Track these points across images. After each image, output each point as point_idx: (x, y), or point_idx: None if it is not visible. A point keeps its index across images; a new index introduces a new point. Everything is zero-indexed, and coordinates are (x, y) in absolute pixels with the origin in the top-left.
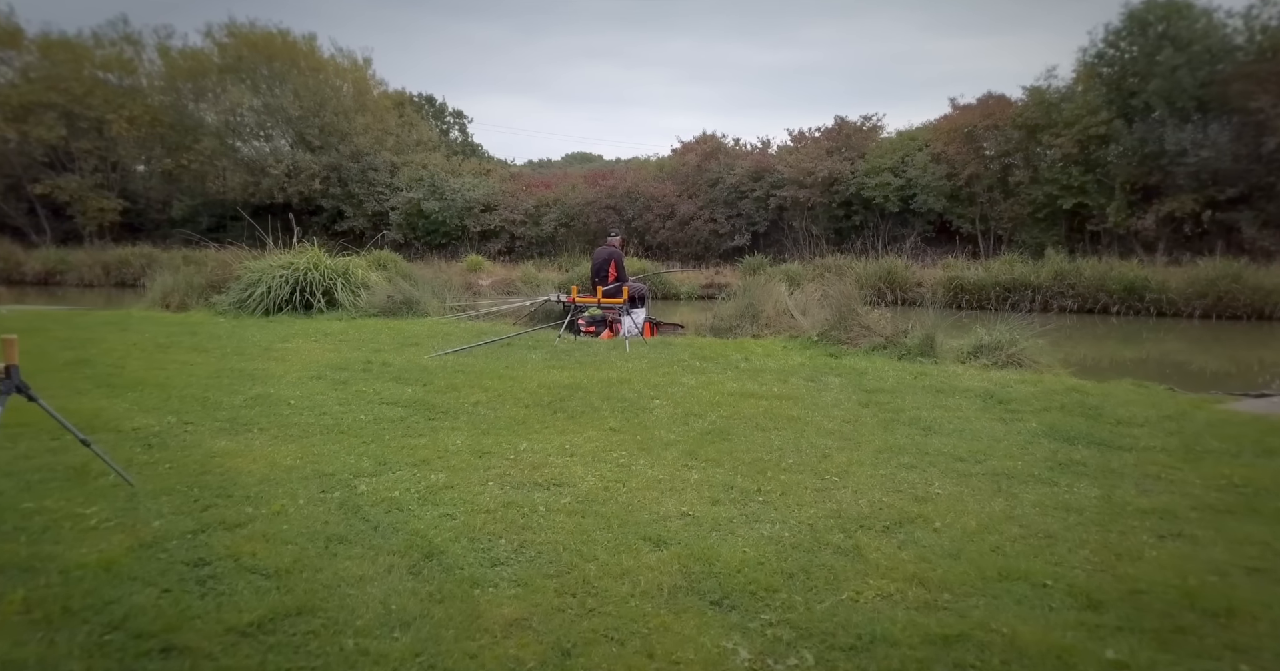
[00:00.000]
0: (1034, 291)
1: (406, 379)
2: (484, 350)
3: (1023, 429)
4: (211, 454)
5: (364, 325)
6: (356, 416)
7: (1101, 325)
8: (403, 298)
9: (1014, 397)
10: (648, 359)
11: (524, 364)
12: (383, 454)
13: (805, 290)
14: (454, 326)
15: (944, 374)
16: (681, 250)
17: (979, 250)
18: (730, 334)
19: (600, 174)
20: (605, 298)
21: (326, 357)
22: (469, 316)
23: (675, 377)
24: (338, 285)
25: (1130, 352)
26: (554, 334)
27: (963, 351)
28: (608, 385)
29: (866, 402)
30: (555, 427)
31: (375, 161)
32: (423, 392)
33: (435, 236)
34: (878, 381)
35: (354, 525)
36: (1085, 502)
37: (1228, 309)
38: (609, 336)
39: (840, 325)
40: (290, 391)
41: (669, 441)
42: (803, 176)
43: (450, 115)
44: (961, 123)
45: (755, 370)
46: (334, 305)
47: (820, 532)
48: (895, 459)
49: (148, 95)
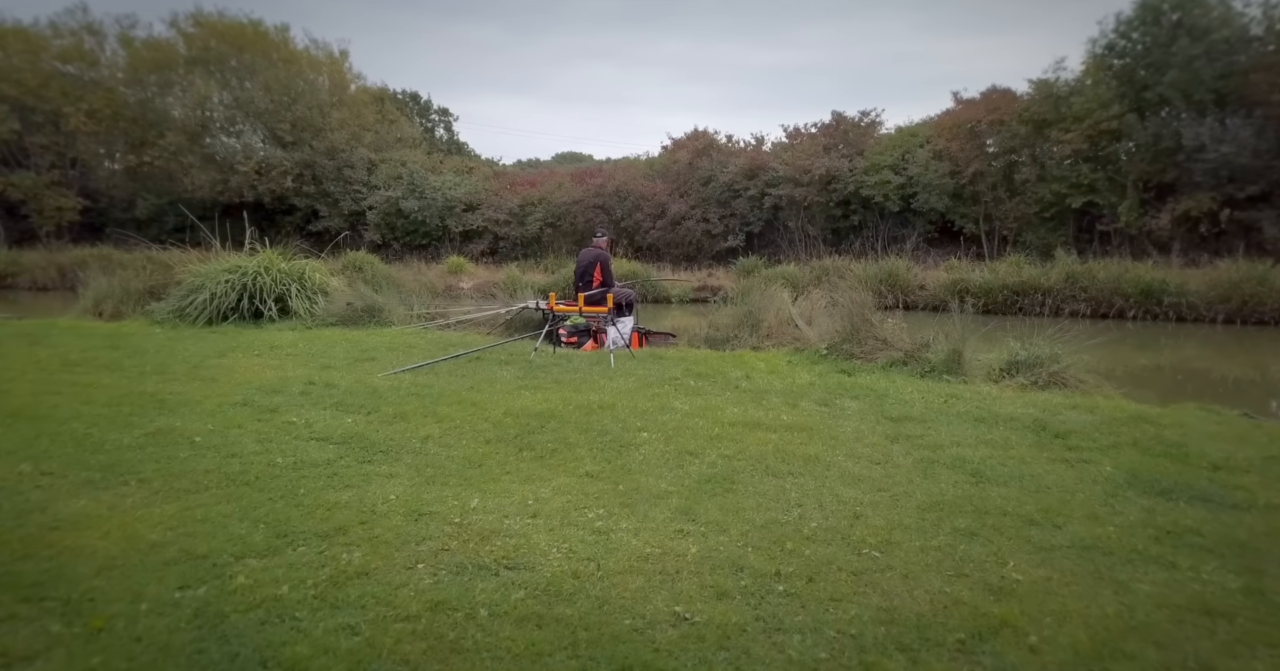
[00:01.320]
0: (1044, 295)
1: (349, 405)
2: (448, 367)
3: (1097, 475)
4: (53, 523)
5: (318, 336)
6: (273, 460)
7: (1117, 330)
8: (364, 305)
9: (1071, 429)
10: (635, 376)
11: (492, 383)
12: (287, 519)
13: (810, 297)
14: (419, 337)
15: (978, 397)
16: (673, 251)
17: (983, 251)
18: (728, 345)
19: (588, 172)
20: (588, 305)
21: (263, 377)
22: (438, 325)
23: (667, 401)
24: (292, 291)
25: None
26: (530, 345)
27: (994, 368)
28: (587, 412)
29: (895, 436)
30: (519, 473)
31: (352, 158)
32: (364, 424)
33: (415, 237)
34: (903, 406)
35: (203, 654)
36: (1228, 600)
37: (1253, 313)
38: (593, 347)
39: (852, 337)
40: (201, 424)
41: (659, 493)
42: (799, 174)
43: (435, 113)
44: (965, 118)
45: (759, 391)
46: (287, 313)
47: (870, 654)
48: (948, 521)
49: (109, 88)
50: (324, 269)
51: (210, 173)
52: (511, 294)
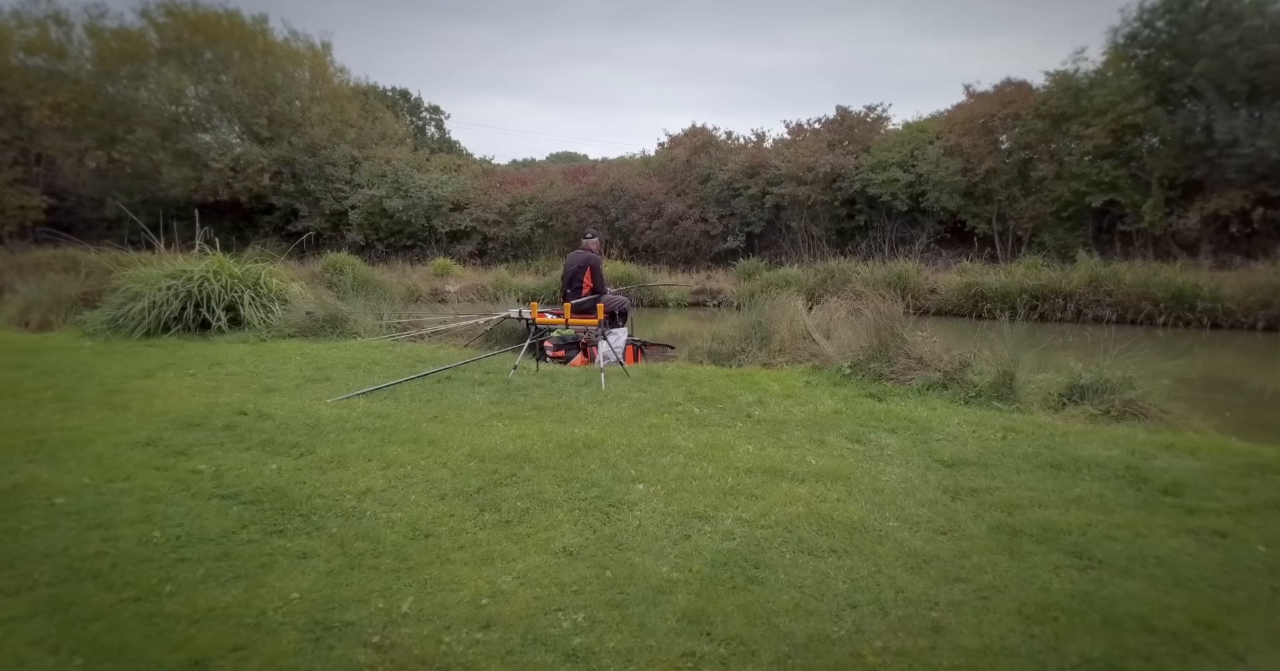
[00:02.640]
0: (1065, 299)
1: (280, 444)
2: (413, 388)
3: (1250, 560)
4: None
5: (270, 351)
6: (148, 534)
7: (1147, 337)
8: (327, 314)
9: (1180, 482)
10: (629, 401)
11: (460, 411)
12: (124, 646)
13: (828, 306)
14: (386, 351)
15: (1042, 432)
16: (670, 252)
17: (996, 252)
18: (734, 361)
19: (581, 170)
20: (576, 315)
21: (188, 405)
22: (410, 337)
23: (666, 436)
24: (244, 299)
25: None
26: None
27: (1052, 394)
28: (570, 452)
29: (954, 489)
30: (475, 548)
31: (333, 155)
32: (290, 472)
33: (400, 237)
34: (954, 445)
35: None
36: None
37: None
38: (582, 362)
39: (880, 354)
40: (76, 476)
41: (660, 583)
42: (802, 172)
43: (426, 110)
44: (977, 112)
45: (776, 422)
46: (239, 324)
47: None
48: (1071, 642)
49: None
50: (284, 273)
51: (183, 170)
52: (496, 299)
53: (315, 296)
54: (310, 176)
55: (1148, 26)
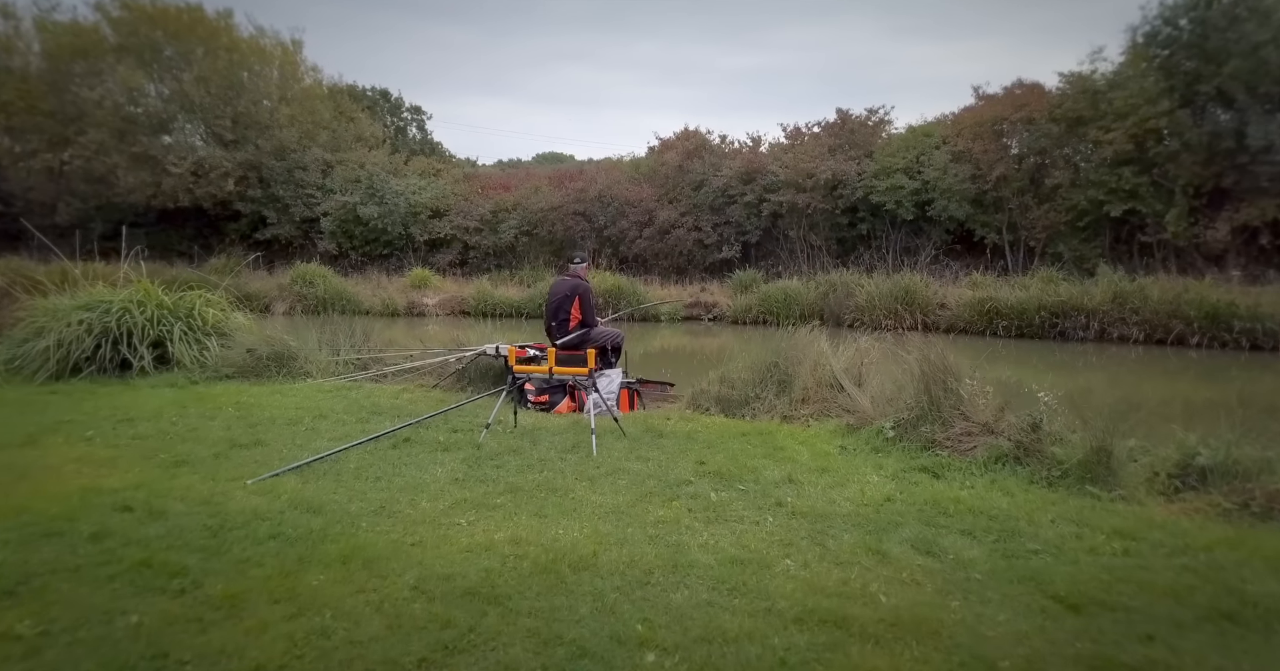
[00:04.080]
0: (1088, 317)
1: (159, 569)
2: (360, 457)
3: None
4: None
5: (199, 398)
6: None
7: (1176, 359)
8: (272, 352)
9: None
10: (627, 478)
11: (414, 496)
12: None
13: (859, 347)
14: (339, 396)
15: (1171, 542)
16: (661, 262)
17: (1007, 263)
18: (747, 409)
19: (568, 174)
20: (563, 362)
21: (60, 492)
22: (371, 376)
23: (679, 542)
24: (174, 334)
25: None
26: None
27: (1159, 473)
28: (552, 581)
29: (1101, 662)
30: None
31: (304, 159)
32: (154, 632)
33: (375, 246)
34: (1061, 562)
35: None
36: None
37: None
38: (569, 408)
39: (931, 413)
40: None
41: None
42: (801, 179)
43: (408, 111)
44: (987, 116)
45: (817, 516)
46: (167, 362)
47: None
48: None
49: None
50: (224, 302)
51: (140, 175)
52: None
53: (260, 330)
54: (279, 181)
55: (1169, 24)
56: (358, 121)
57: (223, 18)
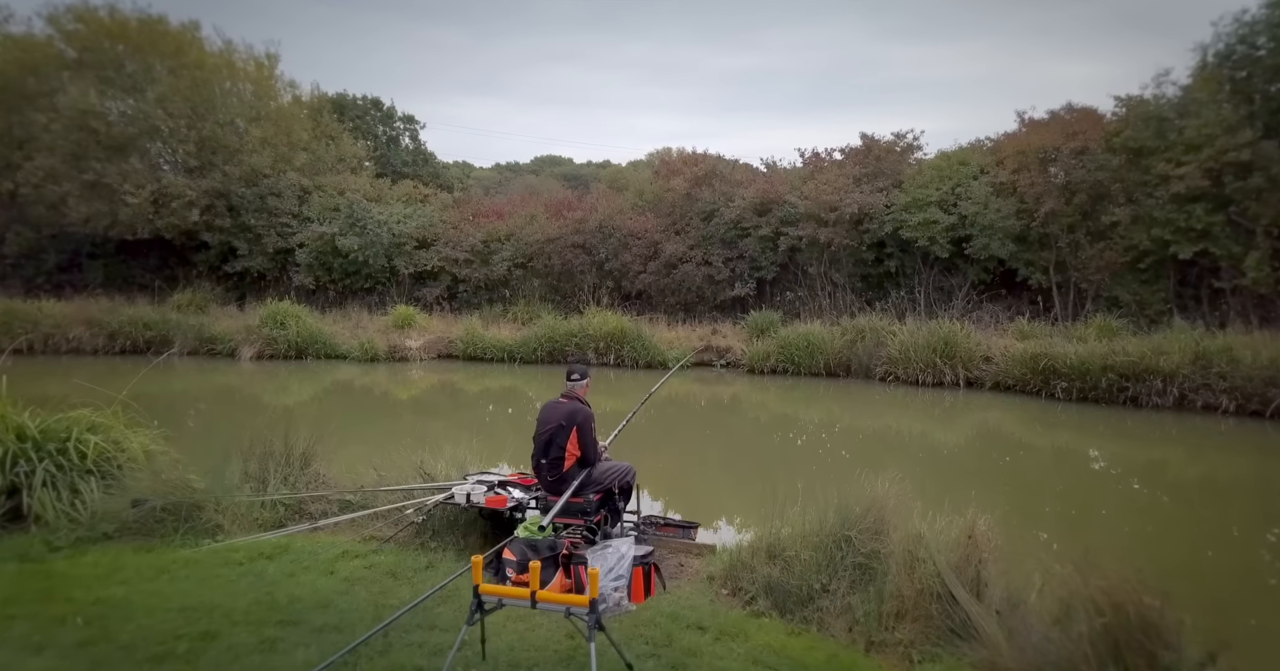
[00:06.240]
0: (1165, 381)
1: None
2: None
3: None
4: None
5: (48, 587)
6: None
7: (1275, 435)
8: (169, 503)
9: None
10: None
11: None
12: None
13: (975, 531)
14: (247, 579)
15: None
16: (668, 299)
17: (1055, 308)
18: (810, 610)
19: (565, 203)
20: (566, 512)
21: None
22: (306, 529)
23: None
24: (36, 475)
25: None
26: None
27: None
28: None
29: None
30: None
31: (278, 185)
32: None
33: (356, 279)
34: None
35: None
36: None
37: None
38: (562, 587)
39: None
40: None
41: None
42: (823, 211)
43: (400, 120)
44: (1034, 143)
45: None
46: (22, 518)
47: None
48: None
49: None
50: (119, 423)
51: (94, 204)
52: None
53: (161, 464)
54: (250, 210)
55: (1245, 43)
56: (339, 141)
57: (189, 30)
